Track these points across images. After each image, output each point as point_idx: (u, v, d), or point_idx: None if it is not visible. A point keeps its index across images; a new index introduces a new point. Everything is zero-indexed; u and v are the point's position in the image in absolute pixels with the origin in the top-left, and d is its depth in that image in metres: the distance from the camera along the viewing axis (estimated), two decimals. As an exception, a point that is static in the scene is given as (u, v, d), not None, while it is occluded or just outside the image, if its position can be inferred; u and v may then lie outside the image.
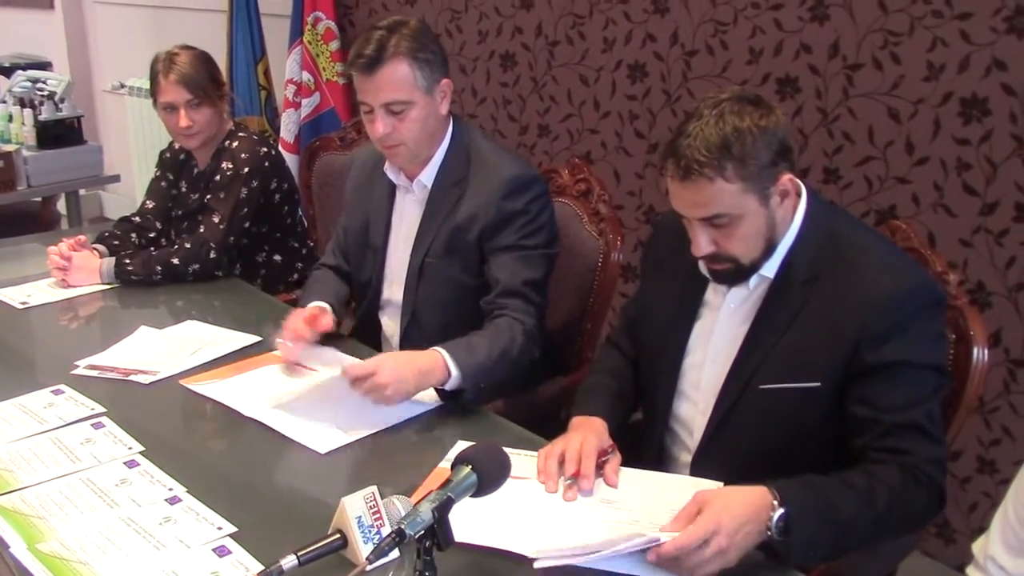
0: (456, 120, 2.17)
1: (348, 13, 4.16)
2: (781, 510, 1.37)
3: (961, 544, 2.66)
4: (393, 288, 2.24)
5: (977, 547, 1.33)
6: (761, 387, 1.59)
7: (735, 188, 1.50)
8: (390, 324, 2.26)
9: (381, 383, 1.79)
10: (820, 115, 2.76)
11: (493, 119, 3.66)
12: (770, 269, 1.60)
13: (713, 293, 1.70)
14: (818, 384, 1.55)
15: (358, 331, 2.31)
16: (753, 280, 1.62)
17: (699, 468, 1.67)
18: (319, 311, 2.09)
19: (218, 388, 1.97)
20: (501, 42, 3.56)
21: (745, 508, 1.36)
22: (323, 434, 1.78)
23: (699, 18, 2.98)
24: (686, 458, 1.72)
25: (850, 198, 2.73)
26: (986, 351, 1.68)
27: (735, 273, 1.60)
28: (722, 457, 1.63)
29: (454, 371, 1.87)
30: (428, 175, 2.14)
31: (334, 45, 4.06)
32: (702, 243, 1.56)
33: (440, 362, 1.87)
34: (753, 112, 1.51)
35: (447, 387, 1.89)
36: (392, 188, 2.23)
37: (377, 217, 2.25)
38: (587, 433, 1.63)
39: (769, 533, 1.37)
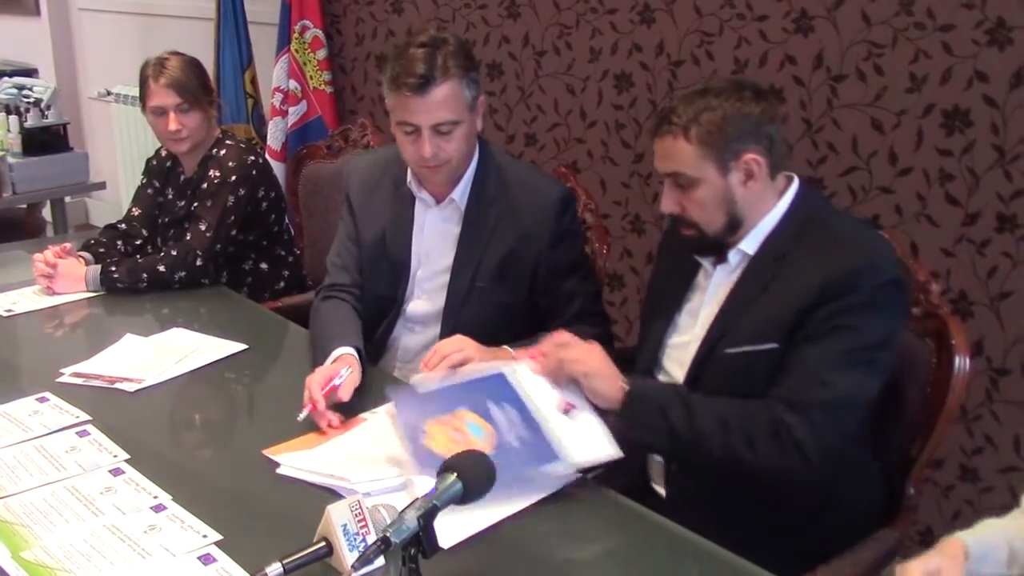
0: (481, 137, 2.15)
1: (335, 22, 4.16)
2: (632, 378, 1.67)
3: (944, 552, 2.67)
4: (413, 302, 2.20)
5: None
6: (726, 351, 1.69)
7: (694, 150, 1.64)
8: (406, 335, 2.22)
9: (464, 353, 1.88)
10: (804, 125, 2.78)
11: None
12: (751, 245, 1.69)
13: (703, 276, 1.78)
14: (775, 345, 1.62)
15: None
16: (735, 258, 1.71)
17: None
18: (341, 376, 1.88)
19: (304, 460, 1.70)
20: (488, 51, 3.58)
21: (607, 361, 1.71)
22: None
23: (685, 29, 3.00)
24: None
25: (834, 208, 2.75)
26: (968, 360, 1.70)
27: (701, 242, 1.72)
28: None
29: None
30: (460, 193, 2.11)
31: (321, 54, 4.06)
32: (667, 201, 1.71)
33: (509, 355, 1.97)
34: (733, 94, 1.65)
35: None
36: (411, 200, 2.18)
37: (397, 229, 2.19)
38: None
39: (623, 383, 1.66)
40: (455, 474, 1.28)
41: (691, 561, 1.48)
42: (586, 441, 1.63)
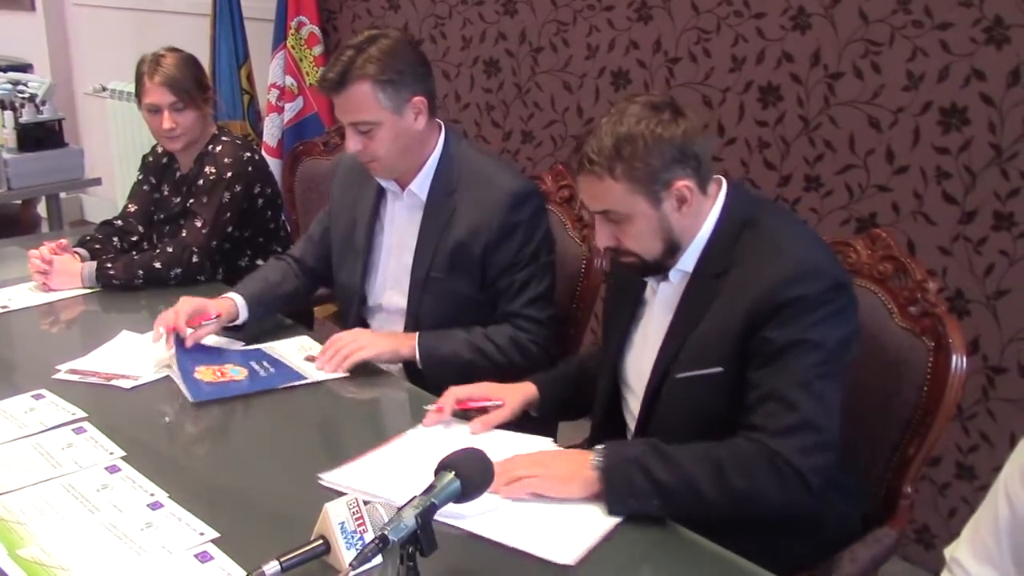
0: (447, 130, 2.18)
1: (332, 18, 4.16)
2: (601, 446, 1.55)
3: (940, 550, 2.66)
4: (387, 294, 2.24)
5: (948, 551, 1.35)
6: (677, 376, 1.66)
7: (622, 187, 1.58)
8: (387, 327, 2.24)
9: (357, 342, 2.05)
10: (802, 123, 2.78)
11: (477, 124, 3.66)
12: (687, 264, 1.66)
13: (650, 292, 1.76)
14: (720, 369, 1.60)
15: None
16: (675, 275, 1.68)
17: None
18: (209, 312, 2.16)
19: (354, 474, 1.66)
20: (485, 48, 3.57)
21: (563, 452, 1.62)
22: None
23: (682, 26, 2.99)
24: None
25: (831, 206, 2.76)
26: (965, 358, 1.69)
27: (642, 267, 1.68)
28: None
29: (418, 352, 2.08)
30: (420, 185, 2.15)
31: (317, 50, 4.05)
32: (602, 236, 1.66)
33: (412, 340, 2.08)
34: (652, 118, 1.57)
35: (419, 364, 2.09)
36: (380, 192, 2.24)
37: (362, 221, 2.26)
38: (491, 385, 1.86)
39: (592, 462, 1.52)
40: (452, 472, 1.28)
41: (692, 562, 1.47)
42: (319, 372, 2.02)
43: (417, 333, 2.10)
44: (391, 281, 2.24)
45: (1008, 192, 2.43)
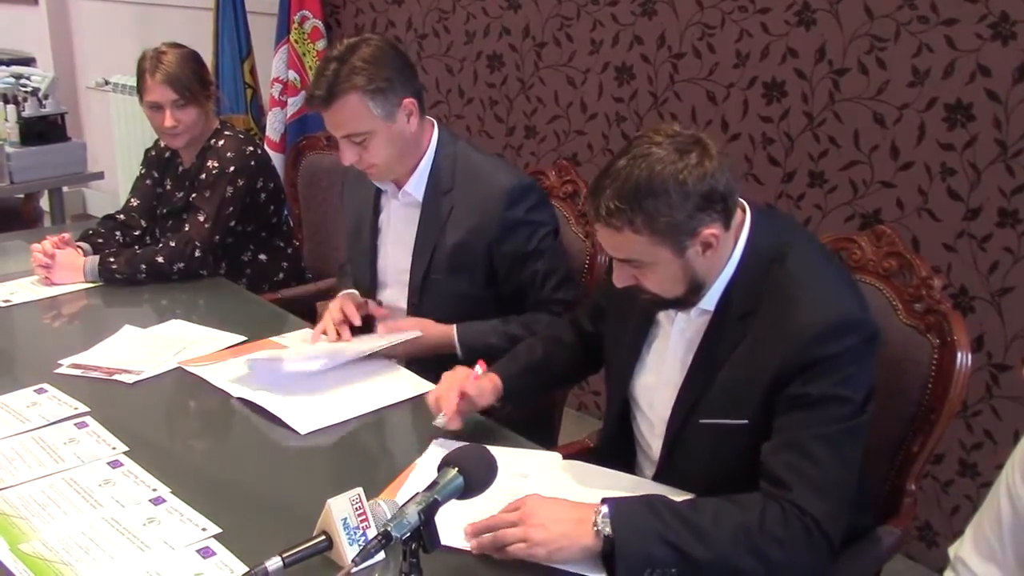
0: (442, 128, 2.17)
1: (335, 12, 4.15)
2: (605, 508, 1.41)
3: (943, 547, 2.66)
4: (387, 292, 2.25)
5: (952, 550, 1.34)
6: (701, 421, 1.59)
7: (644, 239, 1.47)
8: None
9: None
10: (806, 119, 2.77)
11: (480, 119, 3.66)
12: (709, 302, 1.57)
13: (664, 316, 1.68)
14: (745, 422, 1.54)
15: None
16: (694, 311, 1.60)
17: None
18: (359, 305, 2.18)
19: (212, 370, 2.02)
20: (488, 43, 3.56)
21: (566, 503, 1.45)
22: (306, 415, 1.83)
23: (686, 21, 2.99)
24: (649, 471, 1.73)
25: (835, 202, 2.75)
26: (969, 356, 1.69)
27: (662, 303, 1.60)
28: (677, 484, 1.63)
29: (459, 348, 2.09)
30: (415, 185, 2.14)
31: (320, 44, 4.04)
32: (619, 276, 1.57)
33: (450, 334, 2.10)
34: (678, 162, 1.44)
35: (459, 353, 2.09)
36: (377, 191, 2.24)
37: (364, 220, 2.27)
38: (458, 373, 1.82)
39: (595, 527, 1.39)
40: (456, 468, 1.28)
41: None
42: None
43: (454, 327, 2.10)
44: (392, 280, 2.25)
45: (1013, 189, 2.42)
